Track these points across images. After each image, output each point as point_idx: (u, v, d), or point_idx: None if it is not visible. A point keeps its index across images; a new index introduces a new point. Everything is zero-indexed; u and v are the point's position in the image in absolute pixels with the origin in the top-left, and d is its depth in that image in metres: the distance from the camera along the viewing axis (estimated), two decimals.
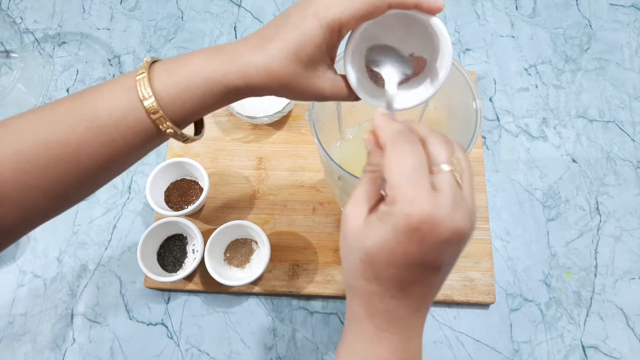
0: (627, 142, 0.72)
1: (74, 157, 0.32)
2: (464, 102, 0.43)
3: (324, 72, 0.35)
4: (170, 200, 0.68)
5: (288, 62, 0.32)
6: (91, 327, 0.64)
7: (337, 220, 0.67)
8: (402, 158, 0.27)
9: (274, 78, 0.33)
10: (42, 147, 0.32)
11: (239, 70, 0.32)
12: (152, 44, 0.81)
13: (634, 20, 0.80)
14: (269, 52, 0.32)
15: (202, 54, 0.34)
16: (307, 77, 0.34)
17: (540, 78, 0.76)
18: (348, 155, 0.58)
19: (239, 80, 0.33)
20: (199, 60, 0.33)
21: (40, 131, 0.32)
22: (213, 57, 0.33)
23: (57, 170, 0.32)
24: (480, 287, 0.63)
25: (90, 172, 0.34)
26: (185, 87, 0.33)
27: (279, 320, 0.64)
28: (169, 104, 0.33)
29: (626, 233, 0.67)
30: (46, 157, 0.32)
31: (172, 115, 0.33)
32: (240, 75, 0.33)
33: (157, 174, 0.65)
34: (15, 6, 0.86)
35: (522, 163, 0.71)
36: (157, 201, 0.65)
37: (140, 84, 0.32)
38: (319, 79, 0.34)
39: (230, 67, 0.32)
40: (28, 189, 0.32)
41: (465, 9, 0.82)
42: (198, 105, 0.33)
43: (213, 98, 0.33)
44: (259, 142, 0.72)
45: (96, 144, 0.32)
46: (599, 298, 0.64)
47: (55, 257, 0.68)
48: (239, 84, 0.33)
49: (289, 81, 0.33)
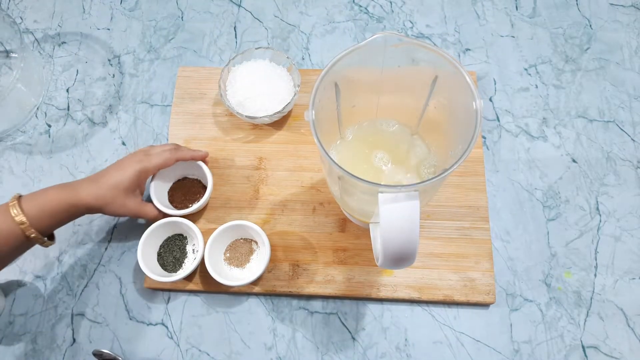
0: (627, 142, 0.72)
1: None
2: (464, 102, 0.43)
3: (133, 198, 0.60)
4: (174, 199, 0.68)
5: (109, 191, 0.57)
6: (91, 327, 0.64)
7: (337, 221, 0.67)
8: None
9: (99, 200, 0.57)
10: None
11: (78, 196, 0.56)
12: (152, 44, 0.81)
13: (634, 20, 0.80)
14: (99, 184, 0.57)
15: (56, 188, 0.56)
16: (121, 200, 0.58)
17: (540, 78, 0.76)
18: (348, 155, 0.58)
19: (79, 203, 0.56)
20: (53, 191, 0.56)
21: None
22: (63, 189, 0.56)
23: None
24: (480, 287, 0.63)
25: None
26: (43, 207, 0.54)
27: (279, 320, 0.64)
28: (32, 218, 0.53)
29: (626, 233, 0.67)
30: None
31: (35, 225, 0.53)
32: (79, 199, 0.56)
33: (159, 174, 0.66)
34: (15, 6, 0.86)
35: (522, 163, 0.71)
36: (162, 200, 0.65)
37: (11, 208, 0.53)
38: (130, 202, 0.60)
39: (72, 194, 0.56)
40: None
41: (465, 9, 0.82)
42: (53, 219, 0.55)
43: (62, 214, 0.55)
44: (259, 142, 0.72)
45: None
46: (599, 298, 0.64)
47: (56, 257, 0.68)
48: (78, 205, 0.56)
49: (109, 202, 0.58)
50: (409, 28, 0.81)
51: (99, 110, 0.77)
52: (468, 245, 0.65)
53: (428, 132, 0.58)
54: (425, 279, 0.63)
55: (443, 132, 0.54)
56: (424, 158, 0.58)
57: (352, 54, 0.45)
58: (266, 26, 0.82)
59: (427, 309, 0.64)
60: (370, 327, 0.63)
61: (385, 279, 0.64)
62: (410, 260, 0.43)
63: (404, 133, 0.59)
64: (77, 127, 0.76)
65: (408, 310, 0.64)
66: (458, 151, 0.43)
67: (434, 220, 0.67)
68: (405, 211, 0.40)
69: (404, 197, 0.39)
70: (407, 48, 0.46)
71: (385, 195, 0.40)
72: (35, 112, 0.77)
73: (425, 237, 0.65)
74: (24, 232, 0.52)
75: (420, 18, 0.82)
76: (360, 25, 0.82)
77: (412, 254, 0.42)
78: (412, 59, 0.48)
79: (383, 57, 0.47)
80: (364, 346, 0.62)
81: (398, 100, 0.55)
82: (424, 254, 0.65)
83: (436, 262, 0.64)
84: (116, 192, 0.57)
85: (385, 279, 0.64)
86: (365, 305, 0.64)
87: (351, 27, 0.82)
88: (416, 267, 0.64)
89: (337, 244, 0.66)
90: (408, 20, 0.82)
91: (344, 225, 0.67)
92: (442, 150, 0.55)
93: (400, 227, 0.40)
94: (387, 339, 0.63)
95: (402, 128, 0.59)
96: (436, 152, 0.57)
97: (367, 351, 0.62)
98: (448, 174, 0.40)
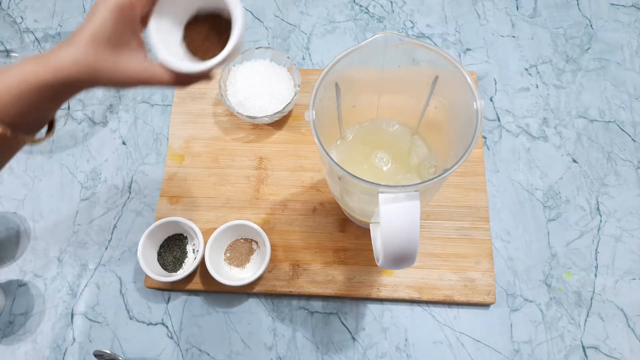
0: (628, 142, 0.72)
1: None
2: (465, 102, 0.43)
3: (129, 55, 0.38)
4: (193, 45, 0.43)
5: (90, 48, 0.36)
6: (91, 327, 0.64)
7: (338, 221, 0.67)
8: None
9: (81, 66, 0.36)
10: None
11: (49, 66, 0.36)
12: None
13: (635, 20, 0.80)
14: (75, 42, 0.36)
15: (24, 60, 0.37)
16: (112, 60, 0.37)
17: (541, 78, 0.76)
18: (348, 155, 0.58)
19: (50, 76, 0.36)
20: (18, 64, 0.36)
21: None
22: (28, 61, 0.36)
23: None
24: (481, 288, 0.63)
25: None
26: (3, 90, 0.35)
27: (279, 320, 0.64)
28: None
29: (627, 233, 0.67)
30: None
31: (1, 117, 0.36)
32: (52, 71, 0.36)
33: (160, 14, 0.41)
34: (16, 5, 0.85)
35: (523, 163, 0.71)
36: (174, 52, 0.42)
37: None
38: (125, 62, 0.38)
39: (42, 64, 0.36)
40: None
41: (465, 9, 0.82)
42: (20, 105, 0.36)
43: (30, 96, 0.36)
44: (259, 142, 0.72)
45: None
46: (599, 298, 0.64)
47: (56, 256, 0.68)
48: (50, 79, 0.36)
49: (96, 67, 0.36)
50: (409, 28, 0.81)
51: (99, 110, 0.77)
52: (468, 245, 0.65)
53: (428, 132, 0.58)
54: (426, 279, 0.63)
55: (443, 132, 0.54)
56: (425, 158, 0.58)
57: (352, 54, 0.45)
58: (266, 26, 0.82)
59: (427, 309, 0.64)
60: (370, 327, 0.63)
61: (386, 279, 0.64)
62: (411, 261, 0.43)
63: (404, 133, 0.59)
64: (78, 127, 0.76)
65: (408, 311, 0.64)
66: (458, 151, 0.43)
67: (434, 220, 0.67)
68: (405, 211, 0.40)
69: (404, 198, 0.39)
70: (408, 48, 0.46)
71: (386, 196, 0.40)
72: None
73: (426, 237, 0.65)
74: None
75: (421, 18, 0.82)
76: (360, 25, 0.82)
77: (412, 254, 0.42)
78: (413, 59, 0.48)
79: (383, 57, 0.47)
80: (364, 346, 0.62)
81: (398, 100, 0.55)
82: (424, 254, 0.65)
83: (436, 262, 0.64)
84: (99, 47, 0.37)
85: (385, 279, 0.64)
86: (366, 305, 0.64)
87: (352, 27, 0.82)
88: (416, 267, 0.64)
89: (338, 244, 0.66)
90: (408, 20, 0.82)
91: (344, 225, 0.67)
92: (443, 150, 0.55)
93: (400, 228, 0.40)
94: (387, 339, 0.63)
95: (402, 128, 0.59)
96: (436, 152, 0.57)
97: (367, 351, 0.62)
98: (449, 174, 0.40)
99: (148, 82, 0.40)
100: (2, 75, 0.36)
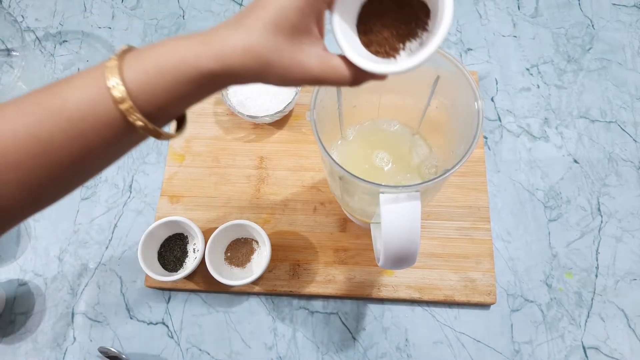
0: (629, 142, 0.72)
1: (44, 151, 0.30)
2: (466, 102, 0.43)
3: (310, 46, 0.31)
4: (371, 34, 0.35)
5: (267, 34, 0.29)
6: (92, 326, 0.64)
7: (338, 220, 0.67)
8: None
9: (253, 55, 0.29)
10: (10, 141, 0.30)
11: (212, 50, 0.29)
12: (153, 42, 0.81)
13: (636, 20, 0.80)
14: (246, 26, 0.29)
15: (178, 38, 0.30)
16: (291, 51, 0.30)
17: (542, 78, 0.76)
18: (349, 155, 0.58)
19: (213, 63, 0.29)
20: (172, 43, 0.30)
21: (8, 124, 0.30)
22: (187, 39, 0.29)
23: (29, 165, 0.30)
24: (481, 288, 0.63)
25: (62, 167, 0.31)
26: (155, 73, 0.29)
27: (280, 320, 0.64)
28: (138, 92, 0.29)
29: (627, 234, 0.66)
30: (16, 152, 0.30)
31: (143, 106, 0.29)
32: (215, 56, 0.29)
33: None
34: (17, 4, 0.85)
35: (524, 163, 0.71)
36: (355, 45, 0.35)
37: (108, 71, 0.29)
38: (305, 54, 0.30)
39: (204, 48, 0.29)
40: (1, 184, 0.30)
41: (467, 9, 0.82)
42: (170, 93, 0.30)
43: (186, 85, 0.29)
44: (260, 142, 0.72)
45: (66, 137, 0.30)
46: (600, 299, 0.63)
47: (56, 255, 0.68)
48: (213, 67, 0.29)
49: (270, 57, 0.29)
50: None
51: None
52: (469, 245, 0.65)
53: (429, 132, 0.58)
54: (426, 279, 0.63)
55: (444, 132, 0.54)
56: (425, 158, 0.58)
57: None
58: None
59: (427, 309, 0.64)
60: (370, 327, 0.63)
61: (386, 279, 0.64)
62: (411, 261, 0.43)
63: (405, 133, 0.59)
64: None
65: (409, 311, 0.64)
66: (460, 151, 0.43)
67: (434, 220, 0.66)
68: (406, 211, 0.39)
69: (405, 198, 0.39)
70: None
71: (387, 196, 0.40)
72: None
73: (426, 237, 0.65)
74: (124, 116, 0.30)
75: None
76: None
77: (413, 254, 0.42)
78: None
79: None
80: (364, 346, 0.62)
81: (399, 100, 0.55)
82: (424, 254, 0.65)
83: (437, 262, 0.64)
84: (278, 35, 0.29)
85: (385, 279, 0.64)
86: (366, 305, 0.64)
87: None
88: (417, 267, 0.64)
89: (338, 244, 0.66)
90: None
91: (344, 225, 0.67)
92: (444, 151, 0.55)
93: (401, 228, 0.40)
94: (387, 339, 0.63)
95: (403, 128, 0.59)
96: (437, 152, 0.57)
97: (367, 351, 0.62)
98: (450, 175, 0.40)
99: (325, 80, 0.32)
100: (151, 54, 0.30)
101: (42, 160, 0.31)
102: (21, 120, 0.30)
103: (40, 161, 0.31)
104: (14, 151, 0.30)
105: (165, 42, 0.30)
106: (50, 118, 0.30)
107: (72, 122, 0.30)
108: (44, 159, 0.31)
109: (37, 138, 0.30)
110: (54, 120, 0.30)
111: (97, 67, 0.30)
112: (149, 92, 0.29)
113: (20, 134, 0.30)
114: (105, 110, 0.29)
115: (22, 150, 0.30)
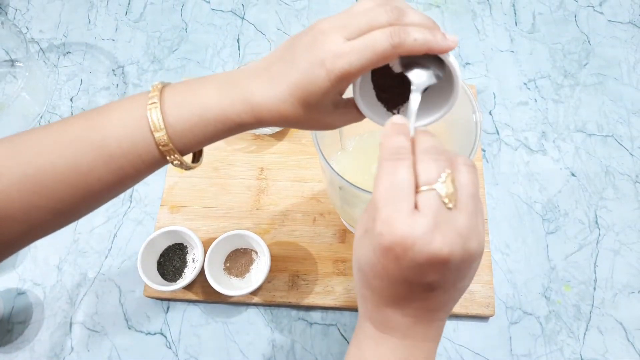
0: (626, 156, 0.72)
1: (83, 182, 0.33)
2: (464, 115, 0.44)
3: (333, 109, 0.35)
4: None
5: (298, 107, 0.33)
6: (90, 336, 0.64)
7: (338, 231, 0.67)
8: (385, 177, 0.27)
9: (285, 119, 0.34)
10: (49, 171, 0.32)
11: (252, 110, 0.33)
12: (155, 54, 0.82)
13: (632, 36, 0.81)
14: (280, 96, 0.32)
15: (215, 87, 0.34)
16: (317, 116, 0.34)
17: (540, 92, 0.77)
18: (348, 166, 0.58)
19: (251, 119, 0.34)
20: (212, 93, 0.33)
21: (48, 155, 0.33)
22: (226, 92, 0.33)
23: (64, 193, 0.33)
24: (480, 300, 0.63)
25: (97, 194, 0.35)
26: (197, 122, 0.33)
27: (278, 331, 0.64)
28: (179, 137, 0.33)
29: (625, 247, 0.67)
30: (54, 181, 0.33)
31: (180, 148, 0.34)
32: (253, 114, 0.33)
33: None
34: (22, 16, 0.87)
35: (522, 176, 0.71)
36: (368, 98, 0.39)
37: (151, 115, 0.33)
38: (329, 116, 0.35)
39: (244, 107, 0.33)
40: (34, 209, 0.33)
41: (465, 24, 0.83)
42: (207, 138, 0.34)
43: (224, 133, 0.34)
44: (260, 153, 0.73)
45: (105, 170, 0.33)
46: (598, 312, 0.64)
47: (55, 265, 0.68)
48: (251, 121, 0.34)
49: (299, 121, 0.34)
50: None
51: None
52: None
53: None
54: None
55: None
56: None
57: None
58: (269, 38, 0.83)
59: None
60: None
61: None
62: None
63: None
64: None
65: None
66: None
67: None
68: None
69: None
70: None
71: None
72: (39, 121, 0.78)
73: None
74: (163, 156, 0.34)
75: None
76: None
77: None
78: None
79: None
80: None
81: None
82: None
83: None
84: (308, 109, 0.33)
85: None
86: None
87: None
88: None
89: (337, 255, 0.66)
90: None
91: (344, 236, 0.67)
92: None
93: None
94: None
95: None
96: None
97: None
98: None
99: (344, 125, 0.38)
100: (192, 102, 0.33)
101: (78, 190, 0.34)
102: (62, 152, 0.33)
103: (76, 190, 0.34)
104: (52, 181, 0.33)
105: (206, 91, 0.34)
106: (91, 153, 0.33)
107: (113, 158, 0.33)
108: (80, 189, 0.34)
109: (77, 171, 0.33)
110: (94, 156, 0.33)
111: (137, 104, 0.34)
112: (190, 137, 0.34)
113: (60, 166, 0.33)
114: (145, 149, 0.33)
115: (60, 180, 0.33)
